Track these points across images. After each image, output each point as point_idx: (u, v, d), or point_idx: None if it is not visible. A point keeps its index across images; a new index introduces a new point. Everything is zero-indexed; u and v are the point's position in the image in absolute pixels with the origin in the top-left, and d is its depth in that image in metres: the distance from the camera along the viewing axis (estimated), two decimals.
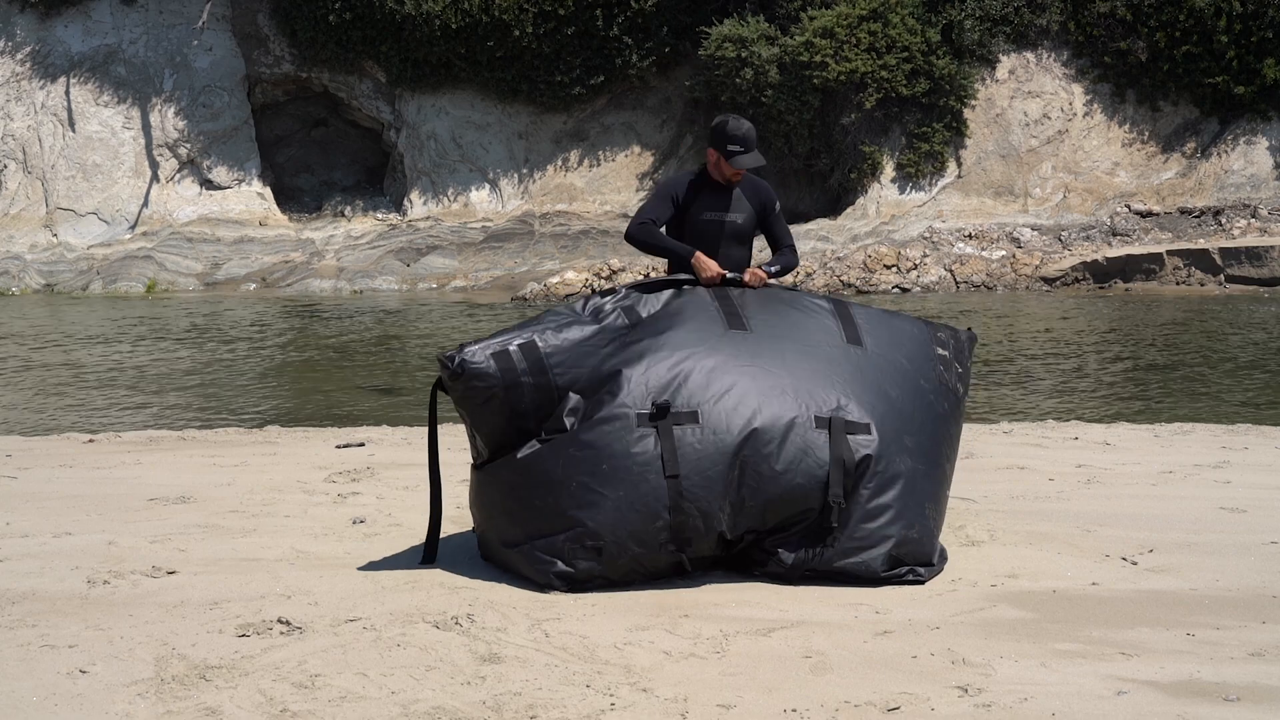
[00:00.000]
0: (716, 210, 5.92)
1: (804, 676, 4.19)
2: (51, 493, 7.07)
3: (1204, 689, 4.05)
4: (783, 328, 5.54)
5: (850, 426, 5.20)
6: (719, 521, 5.10)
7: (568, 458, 5.12)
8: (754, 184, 6.02)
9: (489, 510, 5.39)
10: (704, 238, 5.91)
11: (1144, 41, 24.00)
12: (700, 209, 5.91)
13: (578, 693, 4.04)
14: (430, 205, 25.13)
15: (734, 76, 23.54)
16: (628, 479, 5.05)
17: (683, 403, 5.13)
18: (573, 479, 5.09)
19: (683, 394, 5.14)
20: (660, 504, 5.04)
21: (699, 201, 5.92)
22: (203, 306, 21.22)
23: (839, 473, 5.12)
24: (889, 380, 5.43)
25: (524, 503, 5.19)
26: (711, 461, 5.06)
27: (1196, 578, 5.26)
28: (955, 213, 23.81)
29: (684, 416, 5.10)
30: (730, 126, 5.84)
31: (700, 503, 5.06)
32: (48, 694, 4.01)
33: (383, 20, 24.35)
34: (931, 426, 5.45)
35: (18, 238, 24.02)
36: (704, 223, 5.92)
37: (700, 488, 5.05)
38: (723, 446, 5.07)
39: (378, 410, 11.47)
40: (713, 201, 5.93)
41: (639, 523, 5.05)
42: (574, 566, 5.06)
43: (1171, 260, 21.76)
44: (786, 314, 5.63)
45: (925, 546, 5.29)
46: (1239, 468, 7.75)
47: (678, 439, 5.07)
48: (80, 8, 25.18)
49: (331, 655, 4.34)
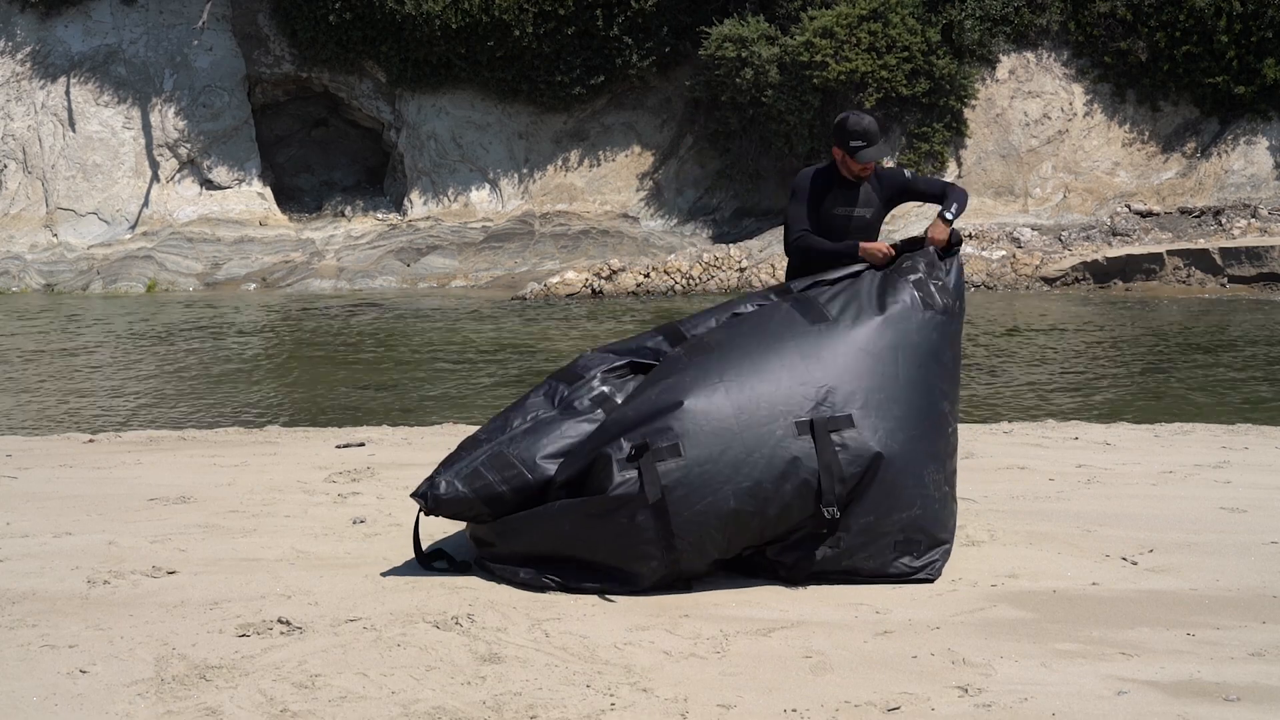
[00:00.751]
0: (845, 205, 5.93)
1: (804, 676, 4.18)
2: (51, 493, 7.07)
3: (1204, 689, 4.05)
4: (745, 328, 5.45)
5: (833, 423, 5.10)
6: (712, 547, 5.06)
7: (562, 507, 5.08)
8: (880, 175, 6.00)
9: (481, 530, 5.38)
10: (831, 232, 5.92)
11: (1144, 41, 23.99)
12: (830, 204, 5.93)
13: (578, 693, 4.04)
14: (430, 205, 25.13)
15: (734, 76, 23.54)
16: (616, 527, 4.99)
17: (661, 439, 5.02)
18: (565, 519, 5.07)
19: (661, 433, 5.04)
20: (653, 546, 4.98)
21: (829, 197, 5.93)
22: (203, 306, 21.21)
23: (829, 480, 5.04)
24: (865, 347, 5.31)
25: (519, 535, 5.18)
26: (700, 494, 4.98)
27: (1196, 578, 5.26)
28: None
29: (665, 451, 5.01)
30: (851, 123, 5.82)
31: (689, 536, 5.00)
32: (48, 694, 4.01)
33: (383, 20, 24.35)
34: (921, 374, 5.34)
35: (18, 238, 24.02)
36: (833, 217, 5.92)
37: (689, 522, 4.98)
38: (707, 475, 4.98)
39: (378, 410, 11.47)
40: (842, 197, 5.93)
41: (635, 566, 5.02)
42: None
43: (1172, 260, 21.75)
44: (746, 316, 5.56)
45: (932, 522, 5.22)
46: (1239, 468, 7.75)
47: (662, 474, 4.97)
48: (80, 8, 25.19)
49: (331, 655, 4.34)
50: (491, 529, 5.26)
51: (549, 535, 5.11)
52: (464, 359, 14.84)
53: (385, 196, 25.89)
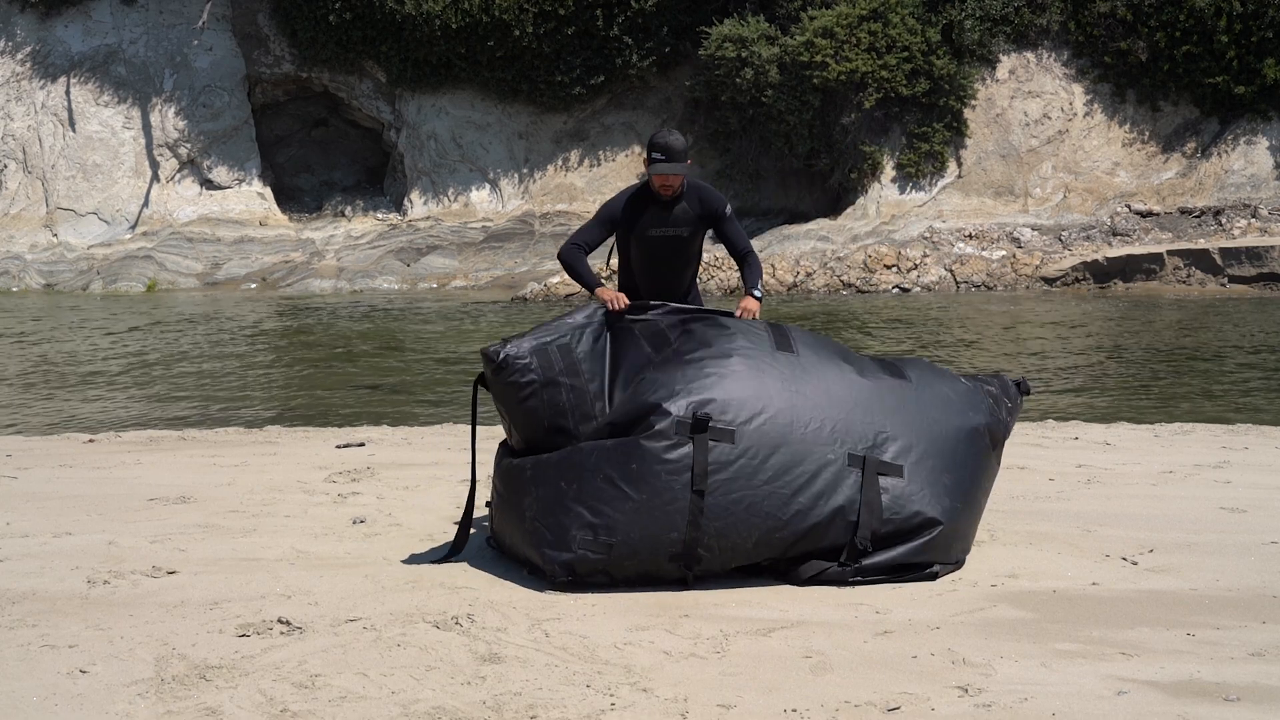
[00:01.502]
0: (660, 226, 5.89)
1: (804, 676, 4.18)
2: (51, 493, 7.07)
3: (1204, 689, 4.05)
4: (828, 353, 5.51)
5: (883, 467, 5.16)
6: (735, 546, 5.07)
7: (601, 450, 5.11)
8: (700, 194, 5.95)
9: (511, 487, 5.37)
10: (651, 254, 5.90)
11: (1144, 41, 23.99)
12: (645, 225, 5.88)
13: (578, 693, 4.04)
14: (430, 205, 25.14)
15: (734, 76, 23.54)
16: (654, 484, 5.01)
17: (721, 420, 5.08)
18: (600, 470, 5.08)
19: (722, 411, 5.09)
20: (680, 516, 5.00)
21: (644, 218, 5.88)
22: (203, 306, 21.21)
23: (868, 515, 5.09)
24: (934, 413, 5.40)
25: (548, 483, 5.19)
26: (739, 485, 5.02)
27: (1196, 578, 5.26)
28: (955, 213, 23.80)
29: (721, 434, 5.05)
30: (657, 137, 5.82)
31: (718, 524, 5.02)
32: (48, 694, 4.01)
33: (383, 20, 24.35)
34: (974, 462, 5.44)
35: (18, 238, 24.02)
36: (649, 239, 5.90)
37: (722, 509, 5.01)
38: (752, 472, 5.03)
39: (378, 410, 11.47)
40: (656, 217, 5.89)
41: (654, 530, 5.02)
42: (578, 555, 5.03)
43: (1172, 260, 21.75)
44: (832, 342, 5.64)
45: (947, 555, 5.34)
46: (1239, 468, 7.75)
47: (711, 456, 5.02)
48: (80, 8, 25.19)
49: (331, 655, 4.34)
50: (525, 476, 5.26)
51: (580, 477, 5.11)
52: (464, 359, 14.84)
53: (385, 196, 25.89)
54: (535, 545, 5.15)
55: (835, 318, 18.55)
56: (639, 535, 5.03)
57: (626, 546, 5.03)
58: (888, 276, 22.10)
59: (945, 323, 17.87)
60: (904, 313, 18.98)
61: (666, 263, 5.96)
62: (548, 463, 5.23)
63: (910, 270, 22.23)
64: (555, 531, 5.10)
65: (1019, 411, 5.88)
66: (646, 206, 5.90)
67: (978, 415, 5.53)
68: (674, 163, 5.77)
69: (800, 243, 23.15)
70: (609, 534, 5.03)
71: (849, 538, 5.09)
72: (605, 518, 5.04)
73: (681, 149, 5.79)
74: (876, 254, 22.45)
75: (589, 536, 5.05)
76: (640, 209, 5.91)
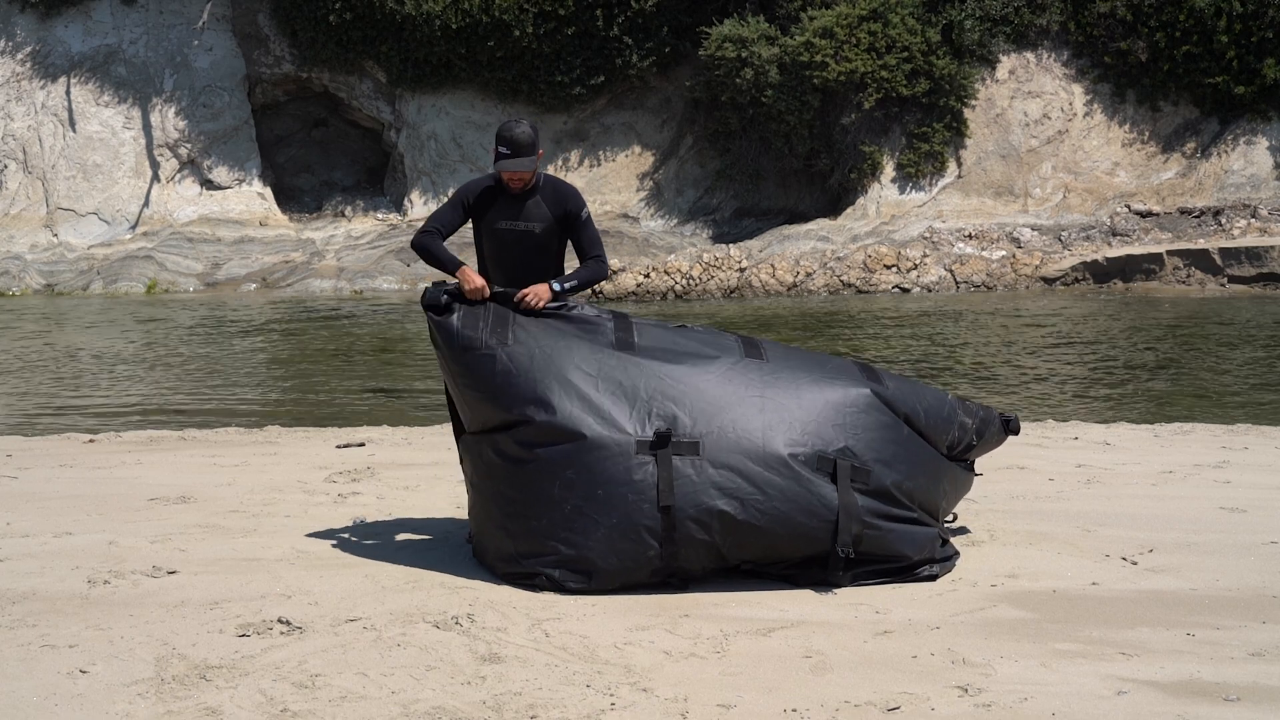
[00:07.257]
0: (510, 219, 5.67)
1: (804, 676, 4.18)
2: (51, 493, 7.07)
3: (1204, 689, 4.05)
4: (799, 358, 5.49)
5: (856, 474, 5.10)
6: (714, 553, 5.06)
7: (564, 480, 5.06)
8: (556, 191, 5.72)
9: (487, 524, 5.36)
10: (501, 247, 5.70)
11: (1144, 41, 23.99)
12: (494, 217, 5.68)
13: (578, 693, 4.04)
14: (431, 205, 25.13)
15: (734, 76, 23.54)
16: (621, 506, 4.99)
17: (685, 431, 5.04)
18: (567, 502, 5.05)
19: (686, 422, 5.07)
20: (653, 534, 4.98)
21: (494, 209, 5.68)
22: (203, 306, 21.22)
23: (847, 520, 5.04)
24: (906, 411, 5.39)
25: (521, 521, 5.16)
26: (710, 495, 4.99)
27: (1196, 578, 5.26)
28: (955, 213, 23.80)
29: (684, 446, 5.01)
30: (503, 129, 5.58)
31: (694, 535, 5.00)
32: (48, 694, 4.01)
33: (383, 20, 24.35)
34: (933, 468, 5.43)
35: (18, 238, 24.02)
36: (498, 231, 5.69)
37: (696, 521, 4.99)
38: (722, 481, 4.99)
39: (378, 410, 11.47)
40: (507, 209, 5.67)
41: (630, 550, 5.00)
42: (563, 589, 5.04)
43: (1171, 260, 21.75)
44: (794, 350, 5.62)
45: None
46: (1239, 468, 7.75)
47: (676, 469, 4.98)
48: (80, 8, 25.20)
49: (331, 655, 4.34)
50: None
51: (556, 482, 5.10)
52: None
53: (385, 196, 25.89)
54: (521, 578, 5.14)
55: (835, 318, 18.55)
56: (616, 558, 5.01)
57: (606, 570, 5.02)
58: (888, 276, 22.10)
59: (945, 322, 17.87)
60: (904, 313, 18.98)
61: (517, 258, 5.69)
62: (516, 500, 5.15)
63: (910, 270, 22.23)
64: (535, 568, 5.08)
65: (992, 443, 5.82)
66: (497, 197, 5.69)
67: (941, 436, 5.51)
68: (520, 158, 5.53)
69: (800, 243, 23.14)
70: (587, 564, 5.02)
71: (830, 544, 5.05)
72: (580, 550, 5.02)
73: (529, 142, 5.54)
74: (876, 254, 22.45)
75: (568, 570, 5.04)
76: (491, 199, 5.69)
